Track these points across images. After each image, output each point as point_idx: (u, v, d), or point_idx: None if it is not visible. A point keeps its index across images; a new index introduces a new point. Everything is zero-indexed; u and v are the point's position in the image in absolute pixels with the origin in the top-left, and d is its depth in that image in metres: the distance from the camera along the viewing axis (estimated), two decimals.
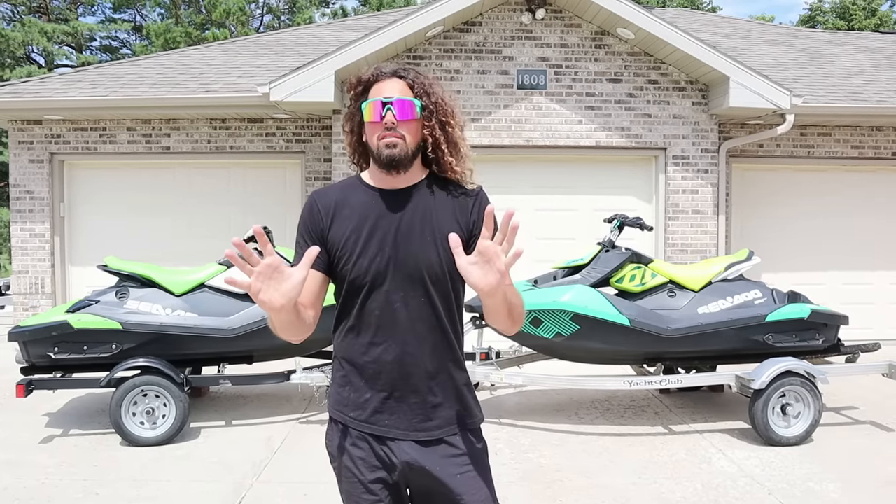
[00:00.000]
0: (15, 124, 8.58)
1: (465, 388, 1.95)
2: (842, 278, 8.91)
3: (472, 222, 1.89)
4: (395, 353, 1.86)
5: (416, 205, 1.90)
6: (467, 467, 1.89)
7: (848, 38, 12.08)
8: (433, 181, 1.94)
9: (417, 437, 1.87)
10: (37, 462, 4.66)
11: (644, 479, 4.40)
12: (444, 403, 1.90)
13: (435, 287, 1.87)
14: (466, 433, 1.92)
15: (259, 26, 28.28)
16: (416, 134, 1.88)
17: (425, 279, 1.86)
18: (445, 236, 1.80)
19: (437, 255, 1.86)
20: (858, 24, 23.97)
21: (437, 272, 1.86)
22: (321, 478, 4.39)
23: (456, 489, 1.86)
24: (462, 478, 1.87)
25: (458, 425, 1.91)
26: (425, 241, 1.86)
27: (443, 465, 1.87)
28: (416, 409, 1.88)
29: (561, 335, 5.07)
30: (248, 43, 10.62)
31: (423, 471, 1.87)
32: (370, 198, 1.91)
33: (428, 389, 1.88)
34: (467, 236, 1.87)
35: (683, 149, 7.93)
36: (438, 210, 1.89)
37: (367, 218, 1.89)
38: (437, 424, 1.89)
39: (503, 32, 7.88)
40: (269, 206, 8.72)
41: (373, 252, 1.87)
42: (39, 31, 22.84)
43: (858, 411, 5.90)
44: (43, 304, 8.52)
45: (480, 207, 1.90)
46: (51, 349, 5.11)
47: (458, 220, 1.89)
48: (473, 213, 1.90)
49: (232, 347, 5.33)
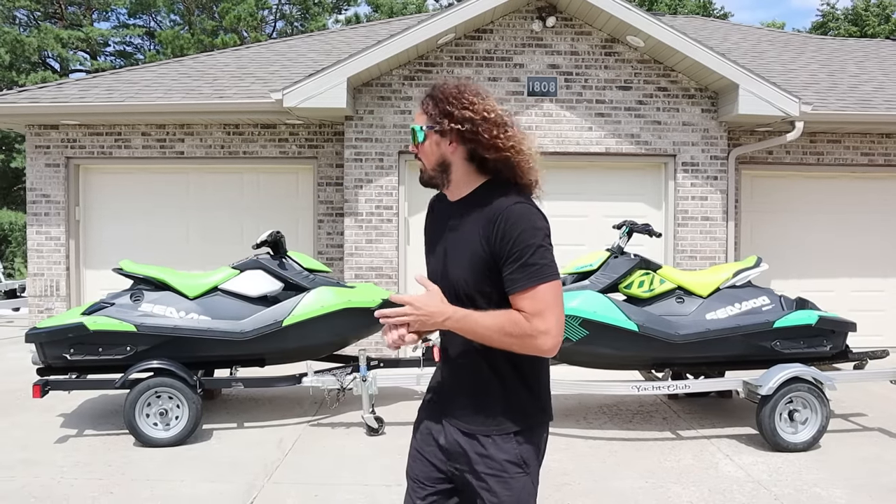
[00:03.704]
0: (32, 129, 8.72)
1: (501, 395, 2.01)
2: (851, 285, 8.91)
3: (493, 243, 1.89)
4: (448, 353, 2.08)
5: (459, 218, 2.01)
6: (488, 470, 1.99)
7: (858, 45, 12.08)
8: (482, 193, 1.99)
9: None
10: (53, 461, 4.75)
11: (651, 483, 4.43)
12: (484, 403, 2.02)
13: (465, 298, 1.96)
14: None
15: (272, 32, 28.48)
16: (430, 156, 2.00)
17: (457, 290, 1.98)
18: (468, 254, 1.94)
19: (462, 269, 1.97)
20: (871, 31, 23.87)
21: (464, 285, 1.97)
22: (332, 479, 4.45)
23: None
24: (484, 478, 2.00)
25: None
26: (458, 255, 1.99)
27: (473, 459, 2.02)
28: (461, 406, 2.04)
29: (570, 340, 5.10)
30: (262, 49, 10.73)
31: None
32: (440, 207, 2.13)
33: (465, 390, 2.04)
34: (489, 256, 1.90)
35: (693, 156, 7.96)
36: (470, 226, 1.96)
37: (433, 224, 2.14)
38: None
39: (514, 40, 7.95)
40: (281, 210, 8.81)
41: (430, 259, 2.13)
42: (55, 37, 23.08)
43: (866, 418, 5.91)
44: (58, 306, 8.63)
45: (502, 227, 1.88)
46: (67, 350, 5.19)
47: (480, 234, 1.92)
48: (495, 235, 1.89)
49: (244, 350, 5.40)
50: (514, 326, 1.86)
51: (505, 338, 1.86)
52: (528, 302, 1.86)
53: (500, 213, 1.89)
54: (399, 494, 4.18)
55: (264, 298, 5.54)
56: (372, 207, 7.87)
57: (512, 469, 1.97)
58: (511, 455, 1.97)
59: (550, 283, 1.87)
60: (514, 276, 1.87)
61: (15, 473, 4.52)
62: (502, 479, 1.96)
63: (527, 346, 1.88)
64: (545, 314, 1.86)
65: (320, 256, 8.53)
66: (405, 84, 7.90)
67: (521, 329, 1.85)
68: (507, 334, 1.86)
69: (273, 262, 5.62)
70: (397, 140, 7.85)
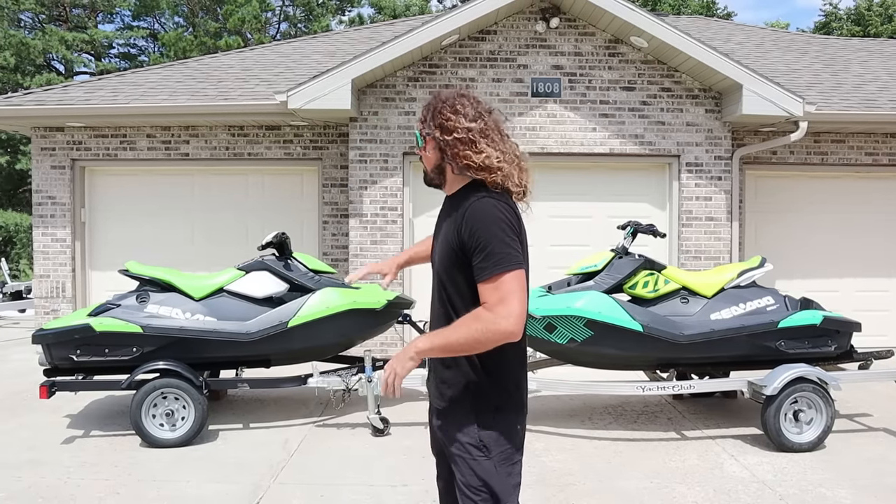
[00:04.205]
0: (38, 131, 8.75)
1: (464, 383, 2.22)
2: (856, 285, 8.89)
3: (462, 236, 2.11)
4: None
5: (446, 214, 2.27)
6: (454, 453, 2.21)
7: (862, 44, 12.06)
8: (463, 192, 2.21)
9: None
10: (59, 462, 4.77)
11: (656, 483, 4.44)
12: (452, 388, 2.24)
13: (445, 286, 2.22)
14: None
15: (276, 34, 28.52)
16: (428, 160, 2.28)
17: (440, 277, 2.24)
18: (445, 246, 2.19)
19: (441, 260, 2.22)
20: (874, 30, 23.82)
21: (443, 274, 2.22)
22: (337, 480, 4.47)
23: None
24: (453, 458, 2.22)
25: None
26: (440, 246, 2.24)
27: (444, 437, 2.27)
28: (434, 389, 2.31)
29: (574, 341, 5.12)
30: (266, 51, 10.76)
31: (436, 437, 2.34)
32: (444, 203, 2.34)
33: (437, 375, 2.28)
34: (459, 248, 2.12)
35: (697, 156, 7.97)
36: (450, 221, 2.20)
37: (438, 218, 2.36)
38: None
39: (518, 41, 7.96)
40: (286, 212, 8.83)
41: (434, 247, 2.34)
42: (59, 39, 23.16)
43: (871, 418, 5.91)
44: (64, 307, 8.66)
45: (468, 221, 2.09)
46: (73, 352, 5.22)
47: (454, 227, 2.15)
48: (463, 228, 2.10)
49: (250, 351, 5.42)
50: (477, 321, 2.03)
51: (474, 333, 2.02)
52: (490, 289, 2.04)
53: (467, 208, 2.11)
54: (405, 495, 4.20)
55: (270, 299, 5.56)
56: (377, 208, 7.89)
57: (474, 451, 2.16)
58: (471, 438, 2.16)
59: (512, 272, 2.04)
60: (482, 265, 2.05)
61: (22, 474, 4.54)
62: (464, 459, 2.16)
63: (492, 334, 2.02)
64: (508, 300, 2.02)
65: (325, 258, 8.55)
66: (409, 85, 7.92)
67: (484, 319, 2.02)
68: (474, 329, 2.02)
69: (278, 264, 5.64)
70: (402, 141, 7.87)
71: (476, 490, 2.14)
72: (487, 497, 2.14)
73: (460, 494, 2.19)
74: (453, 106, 2.15)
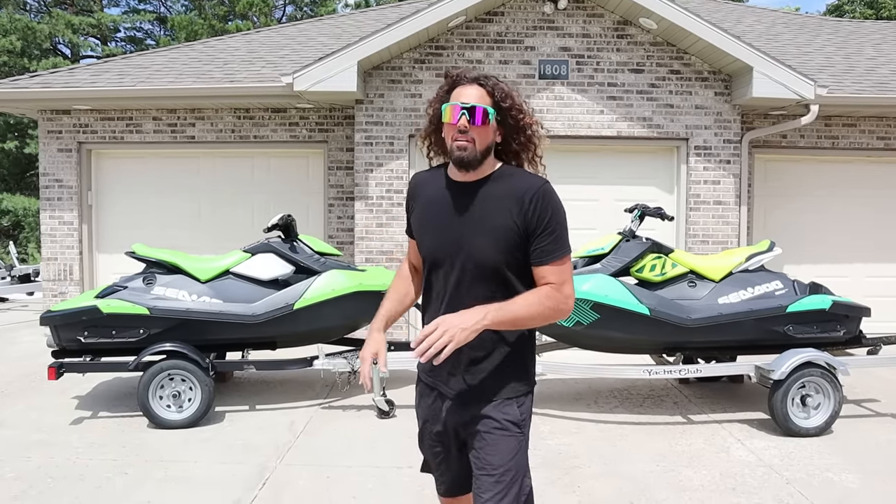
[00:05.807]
0: (44, 114, 8.74)
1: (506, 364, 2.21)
2: (866, 271, 8.83)
3: (528, 218, 2.10)
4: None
5: (479, 197, 2.16)
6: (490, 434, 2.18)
7: (875, 27, 11.90)
8: (502, 175, 2.19)
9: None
10: (68, 442, 4.80)
11: (662, 466, 4.43)
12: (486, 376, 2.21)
13: (485, 272, 2.14)
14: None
15: (282, 17, 28.38)
16: (486, 138, 2.14)
17: (478, 264, 2.14)
18: (496, 227, 2.11)
19: (487, 241, 2.12)
20: (888, 13, 23.52)
21: (487, 260, 2.13)
22: (343, 461, 4.48)
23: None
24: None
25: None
26: (482, 228, 2.13)
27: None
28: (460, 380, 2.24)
29: (581, 324, 5.10)
30: (272, 33, 10.71)
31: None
32: (445, 187, 2.23)
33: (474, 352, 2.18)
34: (522, 229, 2.11)
35: (706, 139, 7.90)
36: (496, 203, 2.13)
37: (437, 205, 2.23)
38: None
39: (525, 22, 7.88)
40: (292, 194, 8.82)
41: (436, 235, 2.21)
42: (66, 23, 23.10)
43: (880, 403, 5.88)
44: (71, 290, 8.70)
45: (538, 205, 2.10)
46: (81, 333, 5.24)
47: (510, 213, 2.11)
48: (530, 210, 2.10)
49: (256, 333, 5.43)
50: (548, 299, 2.09)
51: (544, 310, 2.08)
52: (557, 270, 2.11)
53: (534, 192, 2.10)
54: (410, 476, 4.21)
55: (275, 282, 5.56)
56: (382, 191, 7.86)
57: (513, 429, 2.16)
58: (512, 416, 2.17)
59: (569, 257, 2.16)
60: (549, 248, 2.10)
61: (31, 454, 4.57)
62: (504, 437, 2.14)
63: (558, 313, 2.11)
64: (570, 282, 2.14)
65: (331, 240, 8.54)
66: (415, 67, 7.86)
67: (555, 298, 2.10)
68: (545, 307, 2.08)
69: (284, 246, 5.63)
70: (408, 123, 7.82)
71: (506, 470, 2.12)
72: (518, 476, 2.14)
73: (486, 476, 2.13)
74: (516, 93, 2.20)
